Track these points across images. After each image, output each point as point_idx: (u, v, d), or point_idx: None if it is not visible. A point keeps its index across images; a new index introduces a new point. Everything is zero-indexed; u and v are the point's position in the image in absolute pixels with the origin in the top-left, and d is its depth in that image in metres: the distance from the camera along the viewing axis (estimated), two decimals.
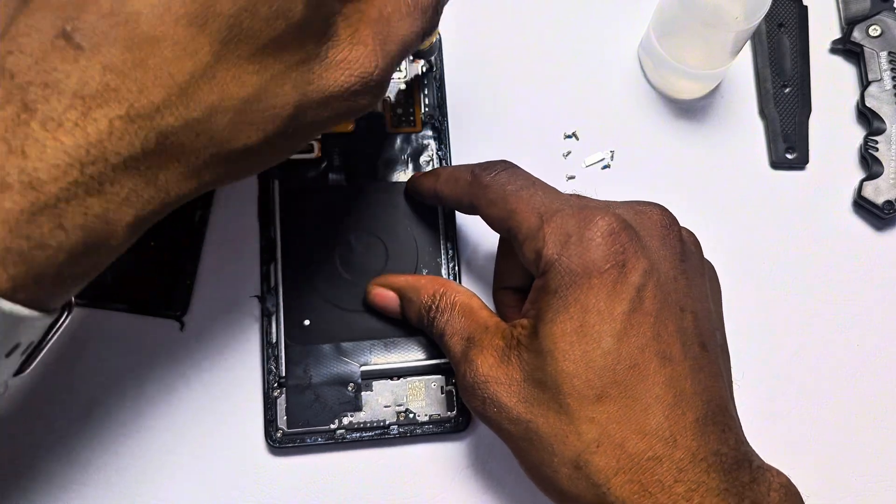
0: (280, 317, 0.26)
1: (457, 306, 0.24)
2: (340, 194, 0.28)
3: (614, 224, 0.20)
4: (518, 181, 0.23)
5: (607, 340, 0.20)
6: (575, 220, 0.21)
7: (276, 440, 0.25)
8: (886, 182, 0.29)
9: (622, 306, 0.20)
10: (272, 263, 0.26)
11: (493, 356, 0.22)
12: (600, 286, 0.20)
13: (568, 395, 0.20)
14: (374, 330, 0.26)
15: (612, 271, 0.20)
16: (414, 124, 0.29)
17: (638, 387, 0.20)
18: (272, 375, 0.26)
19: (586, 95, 0.30)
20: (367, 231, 0.27)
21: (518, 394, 0.21)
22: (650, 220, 0.22)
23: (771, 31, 0.31)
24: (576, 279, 0.20)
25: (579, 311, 0.20)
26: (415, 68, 0.29)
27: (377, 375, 0.26)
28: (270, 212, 0.27)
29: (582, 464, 0.20)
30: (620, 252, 0.20)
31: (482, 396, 0.21)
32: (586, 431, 0.20)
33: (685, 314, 0.21)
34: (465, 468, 0.26)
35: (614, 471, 0.19)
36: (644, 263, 0.20)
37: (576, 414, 0.20)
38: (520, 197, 0.22)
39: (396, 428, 0.26)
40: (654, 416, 0.19)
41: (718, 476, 0.19)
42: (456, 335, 0.23)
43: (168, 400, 0.26)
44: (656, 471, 0.19)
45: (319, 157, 0.28)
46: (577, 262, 0.20)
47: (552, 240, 0.21)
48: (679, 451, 0.19)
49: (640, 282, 0.20)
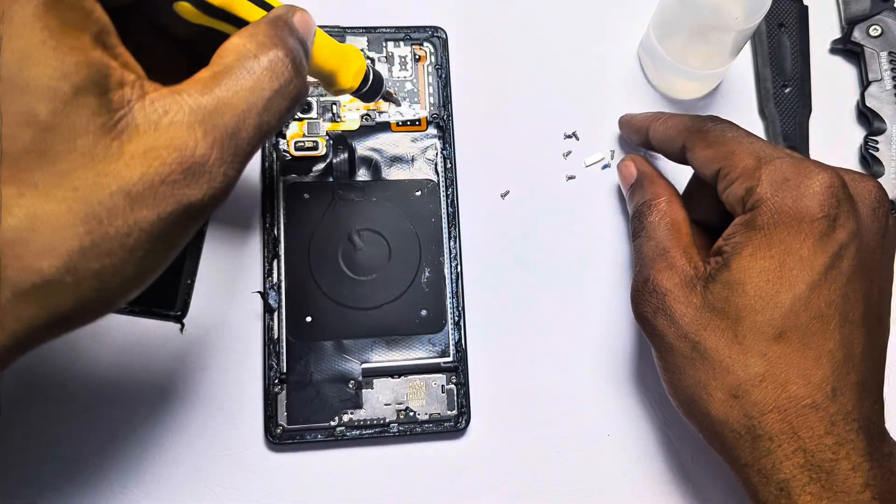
0: (282, 313, 0.26)
1: (668, 217, 0.24)
2: (344, 191, 0.28)
3: (835, 180, 0.21)
4: (738, 130, 0.23)
5: (801, 286, 0.21)
6: (795, 168, 0.21)
7: (276, 436, 0.25)
8: (887, 182, 0.29)
9: (823, 258, 0.21)
10: (275, 260, 0.27)
11: (679, 277, 0.22)
12: (808, 232, 0.21)
13: (748, 327, 0.21)
14: (376, 327, 0.26)
15: (823, 222, 0.21)
16: (419, 123, 0.29)
17: (816, 337, 0.20)
18: (273, 371, 0.26)
19: (586, 95, 0.31)
20: (370, 228, 0.27)
21: (693, 315, 0.22)
22: (865, 189, 0.22)
23: (771, 31, 0.31)
24: (785, 219, 0.21)
25: (781, 251, 0.21)
26: (422, 68, 0.29)
27: (378, 373, 0.26)
28: (274, 208, 0.27)
29: (741, 393, 0.20)
30: (835, 206, 0.21)
31: (656, 305, 0.22)
32: (754, 364, 0.20)
33: (873, 285, 0.22)
34: (465, 468, 0.26)
35: (770, 407, 0.20)
36: (853, 225, 0.21)
37: (750, 346, 0.21)
38: (740, 142, 0.23)
39: (396, 426, 0.26)
40: (822, 368, 0.20)
41: (866, 438, 0.20)
42: (653, 240, 0.24)
43: (168, 395, 0.26)
44: (811, 418, 0.20)
45: (324, 154, 0.28)
46: (790, 204, 0.21)
47: (768, 179, 0.21)
48: (836, 406, 0.20)
49: (845, 240, 0.21)
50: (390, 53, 0.29)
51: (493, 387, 0.27)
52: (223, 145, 0.16)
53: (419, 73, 0.29)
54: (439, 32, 0.30)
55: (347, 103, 0.29)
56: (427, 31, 0.30)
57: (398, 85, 0.29)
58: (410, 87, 0.29)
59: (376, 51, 0.29)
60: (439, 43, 0.30)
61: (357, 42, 0.29)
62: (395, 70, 0.29)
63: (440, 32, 0.30)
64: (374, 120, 0.29)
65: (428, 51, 0.30)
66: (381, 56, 0.29)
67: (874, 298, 0.22)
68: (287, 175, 0.28)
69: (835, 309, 0.21)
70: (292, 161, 0.28)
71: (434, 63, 0.29)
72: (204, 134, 0.16)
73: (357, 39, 0.29)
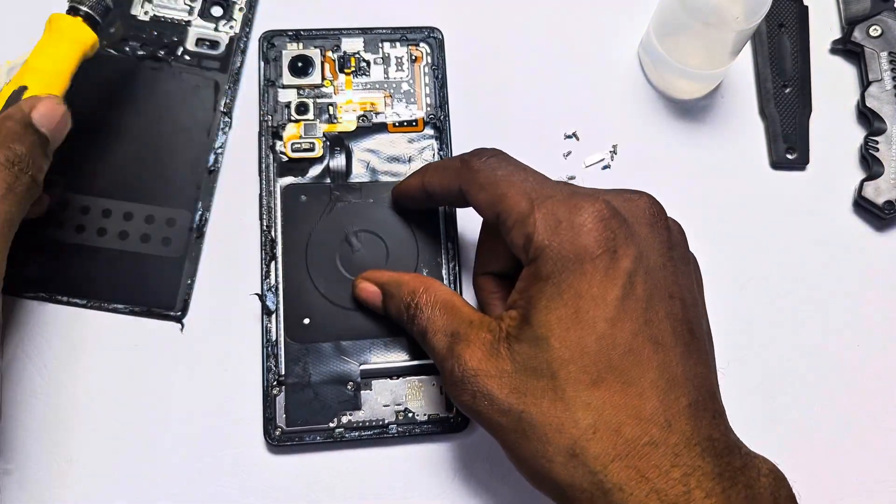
0: (280, 315, 0.26)
1: (438, 303, 0.24)
2: (341, 193, 0.28)
3: (604, 210, 0.21)
4: (508, 166, 0.23)
5: (602, 325, 0.20)
6: (565, 206, 0.21)
7: (275, 438, 0.25)
8: (887, 182, 0.30)
9: (615, 291, 0.20)
10: (272, 262, 0.27)
11: (480, 349, 0.21)
12: (593, 272, 0.20)
13: (564, 381, 0.20)
14: (374, 329, 0.27)
15: (604, 257, 0.20)
16: (415, 123, 0.29)
17: (633, 371, 0.20)
18: (272, 373, 0.26)
19: (586, 95, 0.31)
20: (368, 230, 0.27)
21: (509, 385, 0.21)
22: (638, 207, 0.22)
23: (771, 31, 0.31)
24: (568, 265, 0.20)
25: (573, 296, 0.20)
26: (418, 68, 0.30)
27: (376, 374, 0.26)
28: (271, 210, 0.27)
29: (578, 450, 0.20)
30: (611, 238, 0.20)
31: (472, 390, 0.21)
32: (582, 418, 0.20)
33: (674, 300, 0.21)
34: (464, 468, 0.26)
35: (611, 457, 0.19)
36: (634, 250, 0.21)
37: (572, 400, 0.20)
38: (510, 181, 0.22)
39: (395, 427, 0.26)
40: (649, 401, 0.20)
41: (713, 460, 0.19)
42: (439, 332, 0.23)
43: (168, 397, 0.26)
44: (653, 456, 0.19)
45: (321, 155, 0.28)
46: (568, 248, 0.20)
47: (543, 225, 0.21)
48: (674, 436, 0.19)
49: (631, 267, 0.20)
50: (387, 54, 0.29)
51: None
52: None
53: (416, 74, 0.29)
54: (435, 33, 0.30)
55: (344, 104, 0.29)
56: (423, 31, 0.30)
57: (395, 86, 0.29)
58: (407, 87, 0.29)
59: (373, 52, 0.29)
60: (435, 43, 0.30)
61: (353, 43, 0.29)
62: (392, 71, 0.29)
63: (436, 33, 0.30)
64: (370, 121, 0.29)
65: (424, 51, 0.30)
66: (377, 57, 0.29)
67: (678, 313, 0.21)
68: (284, 177, 0.28)
69: (643, 337, 0.20)
70: (289, 163, 0.28)
71: (430, 64, 0.29)
72: None
73: (353, 41, 0.29)
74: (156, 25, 0.29)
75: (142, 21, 0.29)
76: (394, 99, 0.29)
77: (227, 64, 0.29)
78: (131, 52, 0.29)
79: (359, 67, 0.29)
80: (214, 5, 0.30)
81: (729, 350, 0.29)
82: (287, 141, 0.28)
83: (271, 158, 0.28)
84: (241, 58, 0.29)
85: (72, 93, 0.27)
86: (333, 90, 0.29)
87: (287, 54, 0.29)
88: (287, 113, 0.28)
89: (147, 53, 0.29)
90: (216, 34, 0.29)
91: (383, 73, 0.29)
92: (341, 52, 0.29)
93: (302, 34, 0.29)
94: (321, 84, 0.29)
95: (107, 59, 0.28)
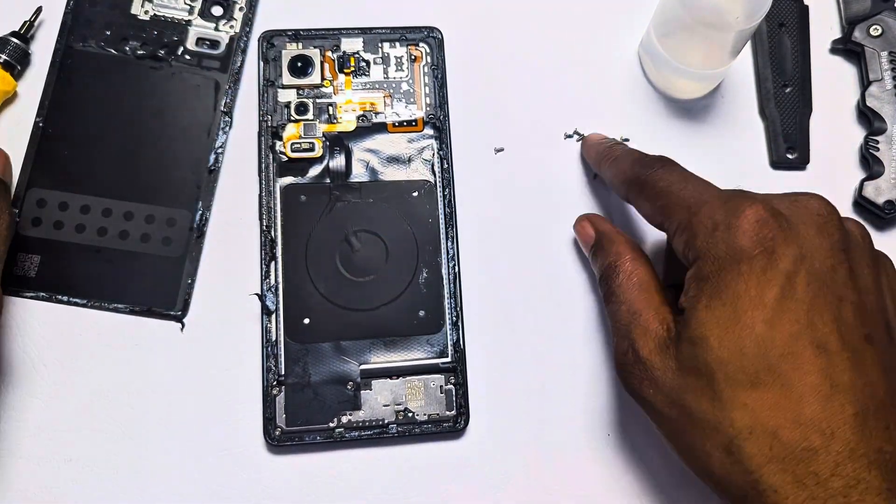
0: (280, 315, 0.27)
1: (636, 275, 0.24)
2: (341, 193, 0.28)
3: (761, 212, 0.21)
4: (671, 176, 0.23)
5: (759, 326, 0.20)
6: (722, 209, 0.21)
7: (275, 438, 0.26)
8: (887, 182, 0.30)
9: (773, 292, 0.20)
10: (272, 262, 0.27)
11: (653, 342, 0.22)
12: (749, 272, 0.20)
13: (721, 381, 0.20)
14: (374, 329, 0.27)
15: (761, 257, 0.20)
16: (415, 123, 0.29)
17: (792, 375, 0.20)
18: (271, 374, 0.26)
19: (586, 95, 0.31)
20: (368, 230, 0.28)
21: (674, 380, 0.21)
22: (806, 208, 0.22)
23: (771, 30, 0.31)
24: (724, 265, 0.21)
25: (730, 297, 0.20)
26: (417, 68, 0.30)
27: (376, 374, 0.26)
28: (271, 210, 0.27)
29: (734, 449, 0.20)
30: (769, 238, 0.21)
31: (640, 377, 0.22)
32: (739, 418, 0.20)
33: (844, 303, 0.21)
34: (464, 468, 0.27)
35: (767, 458, 0.19)
36: (794, 250, 0.21)
37: (729, 401, 0.20)
38: (670, 193, 0.23)
39: (395, 427, 0.26)
40: (808, 406, 0.19)
41: (880, 474, 0.19)
42: (624, 304, 0.24)
43: (168, 397, 0.26)
44: (811, 462, 0.19)
45: (321, 155, 0.28)
46: (724, 249, 0.21)
47: (701, 229, 0.21)
48: (836, 445, 0.19)
49: (790, 268, 0.20)
50: (386, 54, 0.30)
51: (491, 387, 0.27)
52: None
53: (415, 74, 0.30)
54: (435, 33, 0.30)
55: (344, 104, 0.29)
56: (423, 31, 0.30)
57: (395, 86, 0.29)
58: (407, 87, 0.29)
59: (372, 51, 0.30)
60: (435, 43, 0.30)
61: (353, 43, 0.30)
62: (392, 71, 0.30)
63: (436, 33, 0.30)
64: (370, 121, 0.29)
65: (424, 51, 0.30)
66: (376, 57, 0.30)
67: (849, 318, 0.21)
68: (284, 177, 0.28)
69: (804, 341, 0.20)
70: (289, 163, 0.28)
71: (430, 63, 0.30)
72: None
73: (353, 41, 0.30)
74: (156, 25, 0.29)
75: (142, 20, 0.29)
76: (393, 99, 0.29)
77: (228, 63, 0.29)
78: (131, 51, 0.29)
79: (358, 67, 0.29)
80: (215, 5, 0.30)
81: None
82: (287, 141, 0.28)
83: (271, 158, 0.28)
84: (242, 57, 0.29)
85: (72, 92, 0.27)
86: (333, 90, 0.29)
87: (286, 54, 0.29)
88: (287, 113, 0.29)
89: (147, 53, 0.29)
90: (216, 34, 0.29)
91: (383, 73, 0.30)
92: (341, 52, 0.30)
93: (301, 34, 0.29)
94: (321, 84, 0.29)
95: (106, 59, 0.29)
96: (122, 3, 0.29)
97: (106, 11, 0.29)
